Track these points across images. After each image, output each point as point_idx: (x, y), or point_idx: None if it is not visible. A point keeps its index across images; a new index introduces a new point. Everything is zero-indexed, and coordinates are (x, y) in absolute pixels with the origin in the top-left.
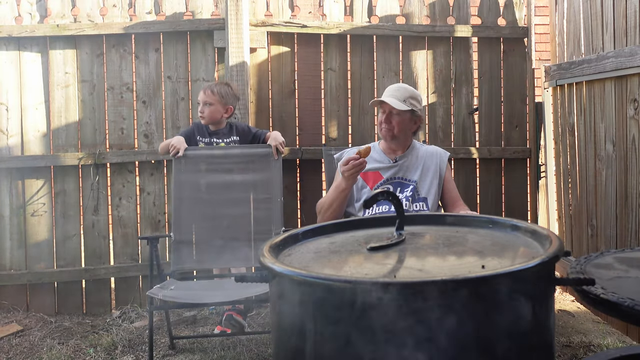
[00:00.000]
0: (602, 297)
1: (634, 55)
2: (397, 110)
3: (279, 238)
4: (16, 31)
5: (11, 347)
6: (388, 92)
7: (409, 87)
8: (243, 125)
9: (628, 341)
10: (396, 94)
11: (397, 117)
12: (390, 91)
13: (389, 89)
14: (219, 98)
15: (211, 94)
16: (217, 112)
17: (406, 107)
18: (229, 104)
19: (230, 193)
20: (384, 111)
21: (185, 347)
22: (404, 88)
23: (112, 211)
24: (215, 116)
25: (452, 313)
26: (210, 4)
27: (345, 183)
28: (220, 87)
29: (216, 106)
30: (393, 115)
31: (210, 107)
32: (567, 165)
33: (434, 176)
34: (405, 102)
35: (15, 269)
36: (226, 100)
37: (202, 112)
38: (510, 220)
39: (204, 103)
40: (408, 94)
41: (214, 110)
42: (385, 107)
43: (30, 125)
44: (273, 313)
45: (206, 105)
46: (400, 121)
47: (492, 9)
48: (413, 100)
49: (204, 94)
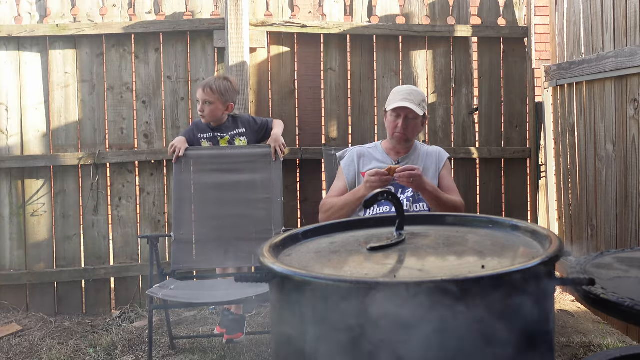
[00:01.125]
0: (602, 297)
1: (634, 55)
2: (413, 115)
3: (279, 238)
4: (16, 31)
5: (11, 347)
6: (401, 96)
7: (419, 90)
8: (247, 116)
9: (628, 341)
10: (411, 97)
11: (413, 121)
12: (403, 94)
13: (401, 92)
14: (219, 96)
15: (211, 92)
16: (218, 110)
17: (422, 111)
18: (229, 101)
19: (230, 193)
20: (398, 115)
21: (185, 347)
22: (416, 91)
23: (112, 211)
24: (216, 114)
25: (452, 313)
26: (210, 4)
27: (363, 191)
28: (220, 83)
29: (216, 104)
30: (409, 119)
31: (210, 105)
32: (567, 165)
33: (434, 176)
34: (420, 106)
35: (15, 269)
36: (226, 97)
37: (202, 111)
38: (510, 220)
39: (203, 101)
40: (421, 98)
41: (215, 109)
42: (401, 111)
43: (30, 125)
44: (273, 313)
45: (206, 103)
46: (415, 125)
47: (492, 9)
48: (424, 103)
49: (203, 92)
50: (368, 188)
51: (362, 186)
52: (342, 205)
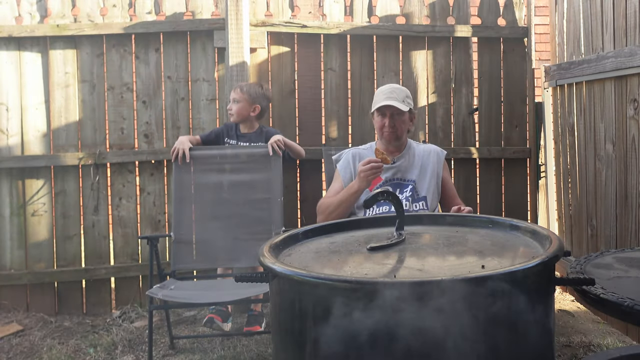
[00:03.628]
0: (602, 297)
1: (634, 55)
2: (398, 111)
3: (279, 238)
4: (16, 31)
5: (11, 347)
6: (384, 95)
7: (402, 87)
8: (274, 131)
9: (628, 341)
10: (394, 95)
11: (400, 117)
12: (386, 93)
13: (384, 92)
14: (247, 96)
15: (239, 92)
16: (244, 109)
17: (406, 107)
18: (256, 103)
19: (230, 193)
20: (384, 114)
21: (185, 347)
22: (398, 89)
23: (112, 211)
24: (242, 113)
25: (452, 313)
26: (210, 4)
27: (358, 184)
28: (250, 87)
29: (243, 104)
30: (395, 116)
31: (237, 104)
32: (567, 165)
33: (432, 175)
34: (404, 102)
35: (15, 269)
36: (254, 99)
37: (230, 109)
38: (510, 220)
39: (232, 100)
40: (404, 94)
41: (241, 108)
42: (386, 109)
43: (31, 125)
44: (273, 313)
45: (234, 102)
46: (402, 122)
47: (492, 9)
48: (408, 99)
49: (234, 91)
50: (362, 179)
51: (356, 180)
52: (339, 202)
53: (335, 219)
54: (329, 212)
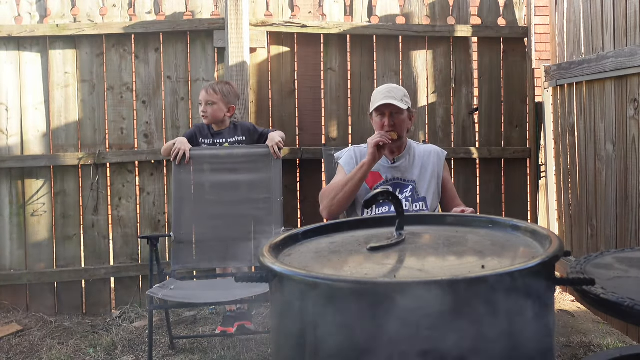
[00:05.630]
0: (602, 297)
1: (634, 55)
2: (397, 110)
3: (279, 238)
4: (16, 31)
5: (11, 347)
6: (382, 95)
7: (399, 86)
8: (248, 124)
9: (628, 341)
10: (392, 94)
11: (399, 116)
12: (384, 93)
13: (381, 92)
14: (222, 97)
15: (213, 93)
16: (220, 110)
17: (405, 105)
18: (231, 103)
19: (230, 193)
20: (383, 113)
21: (185, 347)
22: (396, 88)
23: (112, 211)
24: (218, 115)
25: (452, 313)
26: (210, 4)
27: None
28: (222, 86)
29: (219, 105)
30: (394, 115)
31: (212, 106)
32: (567, 165)
33: (432, 175)
34: (402, 100)
35: (15, 269)
36: (228, 99)
37: (205, 112)
38: (510, 220)
39: (206, 102)
40: (402, 93)
41: (217, 109)
42: (385, 108)
43: (30, 125)
44: (273, 313)
45: (208, 104)
46: (401, 120)
47: (492, 9)
48: (406, 97)
49: (206, 93)
50: (371, 147)
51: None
52: (345, 181)
53: (341, 202)
54: (334, 195)
